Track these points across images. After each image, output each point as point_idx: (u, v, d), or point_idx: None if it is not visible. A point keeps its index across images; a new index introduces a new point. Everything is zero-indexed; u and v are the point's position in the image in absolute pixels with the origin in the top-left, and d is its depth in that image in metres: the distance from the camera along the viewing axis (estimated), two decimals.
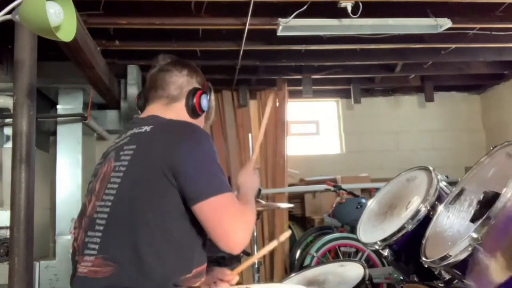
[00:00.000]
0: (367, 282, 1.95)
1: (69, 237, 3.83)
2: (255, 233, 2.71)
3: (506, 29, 3.77)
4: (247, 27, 3.32)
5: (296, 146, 5.47)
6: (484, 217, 1.32)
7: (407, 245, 1.81)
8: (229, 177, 4.66)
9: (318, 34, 3.65)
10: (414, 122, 5.63)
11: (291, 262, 4.47)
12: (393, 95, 5.69)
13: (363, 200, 4.11)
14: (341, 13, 3.11)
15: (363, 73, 5.04)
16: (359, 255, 3.72)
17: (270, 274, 4.79)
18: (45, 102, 4.32)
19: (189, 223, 1.28)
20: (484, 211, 1.33)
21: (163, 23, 3.32)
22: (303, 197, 4.99)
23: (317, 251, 3.73)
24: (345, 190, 4.21)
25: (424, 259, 1.56)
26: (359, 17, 3.05)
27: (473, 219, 1.39)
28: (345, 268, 2.21)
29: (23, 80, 2.06)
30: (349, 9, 3.00)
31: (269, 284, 3.03)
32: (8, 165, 3.32)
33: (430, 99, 5.46)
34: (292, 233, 4.89)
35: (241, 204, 1.34)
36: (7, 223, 2.11)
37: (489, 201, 1.34)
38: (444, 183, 1.91)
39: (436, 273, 1.51)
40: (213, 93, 1.64)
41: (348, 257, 3.77)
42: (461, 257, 1.36)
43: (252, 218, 1.35)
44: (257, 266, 2.60)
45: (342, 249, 3.82)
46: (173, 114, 1.45)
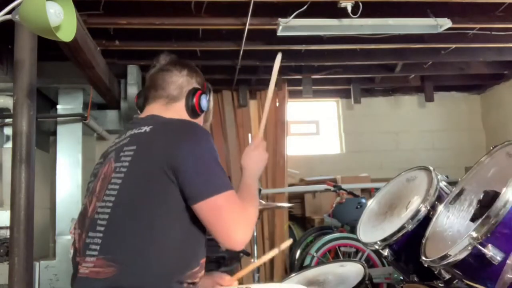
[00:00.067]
0: (367, 282, 1.95)
1: (69, 237, 3.82)
2: (255, 233, 2.70)
3: (506, 29, 3.77)
4: (247, 27, 3.32)
5: (296, 146, 5.47)
6: (484, 217, 1.32)
7: (407, 245, 1.81)
8: (229, 177, 4.64)
9: (318, 34, 3.65)
10: (414, 122, 5.63)
11: (291, 262, 4.47)
12: (393, 95, 5.69)
13: (363, 200, 4.11)
14: (341, 13, 3.11)
15: (363, 73, 5.03)
16: (359, 255, 3.72)
17: (270, 274, 4.79)
18: (45, 102, 4.32)
19: (190, 220, 1.28)
20: (484, 210, 1.34)
21: (163, 23, 3.32)
22: (303, 197, 4.99)
23: (317, 251, 3.73)
24: (345, 190, 4.21)
25: (424, 258, 1.56)
26: (359, 17, 3.05)
27: (473, 219, 1.39)
28: (345, 268, 2.21)
29: (23, 80, 2.06)
30: (349, 9, 3.00)
31: (269, 283, 3.03)
32: (8, 165, 3.32)
33: (430, 99, 5.46)
34: (292, 233, 4.90)
35: (241, 195, 1.34)
36: (7, 223, 2.11)
37: (489, 200, 1.34)
38: (444, 183, 1.91)
39: (436, 272, 1.51)
40: (213, 93, 1.64)
41: (348, 257, 3.77)
42: (461, 256, 1.36)
43: (253, 213, 1.35)
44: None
45: (342, 249, 3.81)
46: (173, 114, 1.45)
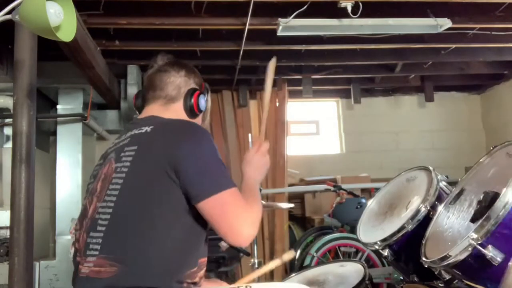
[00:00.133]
0: (367, 282, 1.95)
1: (69, 237, 3.82)
2: None
3: (506, 29, 3.77)
4: (247, 27, 3.32)
5: (296, 146, 5.47)
6: (484, 217, 1.32)
7: (407, 245, 1.81)
8: None
9: (318, 34, 3.65)
10: (414, 122, 5.63)
11: (291, 262, 4.46)
12: (393, 95, 5.69)
13: (363, 200, 4.11)
14: (341, 13, 3.11)
15: (363, 73, 5.03)
16: (359, 255, 3.72)
17: (270, 274, 4.78)
18: (45, 102, 4.32)
19: (191, 220, 1.29)
20: (484, 211, 1.34)
21: (163, 23, 3.32)
22: (303, 197, 4.99)
23: (317, 251, 3.73)
24: (345, 190, 4.20)
25: (424, 259, 1.56)
26: (359, 17, 3.05)
27: (473, 219, 1.39)
28: (345, 268, 2.20)
29: (23, 80, 2.06)
30: (349, 9, 3.00)
31: (269, 283, 3.03)
32: (8, 165, 3.31)
33: (430, 99, 5.45)
34: (292, 233, 4.90)
35: (244, 196, 1.34)
36: (7, 223, 2.12)
37: (489, 201, 1.34)
38: (444, 183, 1.90)
39: (436, 273, 1.51)
40: (213, 93, 1.64)
41: (348, 257, 3.76)
42: (461, 257, 1.36)
43: (257, 210, 1.35)
44: (257, 266, 2.61)
45: (342, 249, 3.81)
46: (172, 114, 1.46)
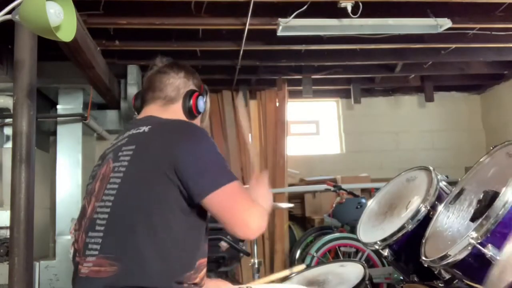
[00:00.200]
0: (367, 282, 1.95)
1: (69, 237, 3.83)
2: None
3: (506, 29, 3.77)
4: (247, 27, 3.32)
5: (296, 146, 5.47)
6: (483, 217, 1.32)
7: (407, 245, 1.81)
8: None
9: (318, 34, 3.65)
10: (414, 122, 5.63)
11: (291, 262, 4.47)
12: (393, 95, 5.69)
13: (363, 200, 4.11)
14: (341, 13, 3.11)
15: (363, 73, 5.03)
16: (359, 255, 3.72)
17: (270, 274, 4.78)
18: (45, 102, 4.32)
19: (190, 220, 1.29)
20: (484, 210, 1.34)
21: (163, 23, 3.32)
22: (303, 197, 4.99)
23: (317, 251, 3.73)
24: (345, 190, 4.20)
25: (424, 258, 1.56)
26: (359, 17, 3.05)
27: (473, 219, 1.39)
28: (345, 268, 2.20)
29: (23, 80, 2.06)
30: (349, 9, 3.00)
31: (269, 283, 3.02)
32: (8, 165, 3.31)
33: (430, 99, 5.45)
34: (292, 233, 4.90)
35: (251, 193, 1.37)
36: (7, 223, 2.11)
37: (489, 200, 1.34)
38: (444, 183, 1.91)
39: (436, 272, 1.51)
40: (213, 93, 1.65)
41: (348, 257, 3.77)
42: (461, 256, 1.36)
43: (266, 203, 1.37)
44: (257, 266, 2.61)
45: (342, 249, 3.81)
46: (170, 115, 1.47)
